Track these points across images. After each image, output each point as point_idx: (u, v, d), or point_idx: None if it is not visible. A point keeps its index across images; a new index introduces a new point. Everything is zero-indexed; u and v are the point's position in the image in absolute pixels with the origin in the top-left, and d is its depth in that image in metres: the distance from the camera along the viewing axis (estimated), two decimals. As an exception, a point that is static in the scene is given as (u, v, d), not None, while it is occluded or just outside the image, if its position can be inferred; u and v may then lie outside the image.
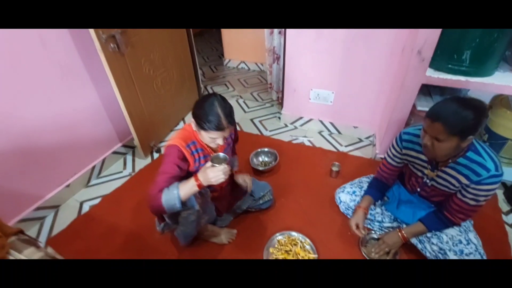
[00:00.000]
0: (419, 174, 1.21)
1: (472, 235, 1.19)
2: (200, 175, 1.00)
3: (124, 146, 2.02)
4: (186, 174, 1.11)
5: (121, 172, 1.90)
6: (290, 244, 1.38)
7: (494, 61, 1.37)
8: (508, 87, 1.37)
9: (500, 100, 1.69)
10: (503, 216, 1.55)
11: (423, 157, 1.15)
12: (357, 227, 1.30)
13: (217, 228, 1.42)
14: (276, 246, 1.39)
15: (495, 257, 1.27)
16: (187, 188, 1.01)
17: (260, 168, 1.82)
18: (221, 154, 1.04)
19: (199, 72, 2.79)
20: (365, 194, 1.38)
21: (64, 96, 1.55)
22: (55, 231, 1.52)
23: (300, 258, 1.33)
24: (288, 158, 1.95)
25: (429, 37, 1.31)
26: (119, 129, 1.95)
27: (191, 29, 2.31)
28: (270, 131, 2.28)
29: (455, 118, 0.88)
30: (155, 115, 2.00)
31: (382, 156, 1.87)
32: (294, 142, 2.14)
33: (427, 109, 1.63)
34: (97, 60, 1.53)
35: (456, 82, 1.44)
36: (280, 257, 1.33)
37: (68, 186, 1.68)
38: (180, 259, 1.34)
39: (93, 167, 1.82)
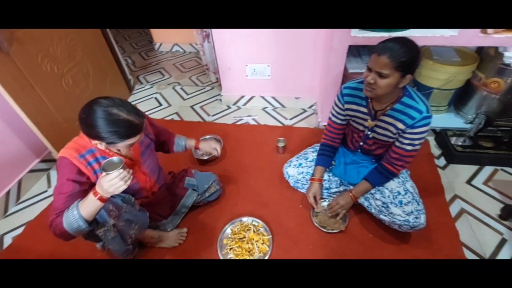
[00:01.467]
0: (361, 128, 1.25)
1: (409, 185, 1.26)
2: (97, 186, 0.85)
3: (44, 161, 1.74)
4: (89, 187, 0.95)
5: (45, 191, 1.65)
6: (243, 231, 1.34)
7: (410, 13, 1.39)
8: (427, 37, 1.41)
9: (422, 52, 1.77)
10: (435, 161, 1.68)
11: (363, 109, 1.19)
12: (315, 199, 1.34)
13: (163, 233, 1.31)
14: (229, 236, 1.33)
15: (430, 202, 1.38)
16: (89, 205, 0.86)
17: (205, 157, 1.71)
18: (115, 158, 0.85)
19: (126, 61, 2.49)
20: (316, 165, 1.39)
21: None
22: (-29, 277, 1.27)
23: (255, 242, 1.29)
24: (233, 141, 1.86)
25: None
26: (32, 143, 1.65)
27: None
28: (212, 115, 2.15)
29: (399, 51, 0.96)
30: (74, 120, 1.72)
31: (324, 123, 1.87)
32: (238, 123, 2.05)
33: (358, 70, 1.68)
34: (-31, 65, 1.22)
35: (381, 39, 1.44)
36: (235, 246, 1.29)
37: (-23, 221, 1.41)
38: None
39: (8, 193, 1.54)
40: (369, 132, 1.23)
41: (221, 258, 1.25)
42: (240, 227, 1.35)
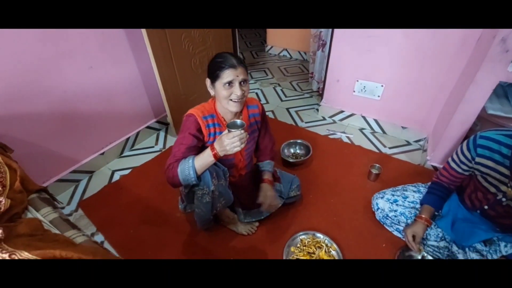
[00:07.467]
0: (492, 190, 1.00)
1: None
2: (216, 143, 0.96)
3: (158, 122, 2.04)
4: (202, 146, 1.08)
5: (152, 147, 1.93)
6: (314, 246, 1.26)
7: None
8: None
9: None
10: None
11: (504, 170, 0.93)
12: (414, 239, 1.13)
13: (237, 217, 1.35)
14: (298, 245, 1.28)
15: None
16: (203, 159, 0.98)
17: (291, 160, 1.70)
18: (238, 121, 0.96)
19: (240, 56, 2.72)
20: (423, 203, 1.19)
21: (104, 65, 1.58)
22: (87, 195, 1.58)
23: (323, 262, 1.20)
24: (322, 153, 1.80)
25: (521, 21, 1.04)
26: (155, 105, 1.97)
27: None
28: (306, 122, 2.13)
29: None
30: (190, 94, 1.98)
31: (434, 164, 1.62)
32: (330, 137, 1.97)
33: (501, 113, 1.39)
34: (138, 31, 1.53)
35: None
36: (302, 257, 1.22)
37: (102, 154, 1.74)
38: (185, 258, 1.30)
39: (127, 139, 1.86)
40: (503, 199, 0.97)
41: (285, 264, 1.21)
42: (312, 241, 1.28)
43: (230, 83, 0.98)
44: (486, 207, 1.05)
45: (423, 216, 1.15)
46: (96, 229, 1.39)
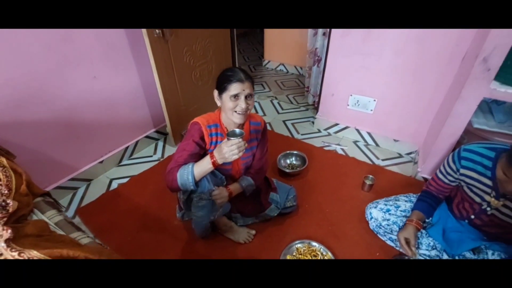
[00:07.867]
0: (477, 199, 1.05)
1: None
2: (215, 151, 1.01)
3: (157, 132, 2.08)
4: (203, 154, 1.12)
5: (151, 156, 1.96)
6: (310, 255, 1.28)
7: None
8: None
9: None
10: None
11: (486, 180, 0.99)
12: (407, 243, 1.14)
13: (235, 226, 1.37)
14: (294, 254, 1.30)
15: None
16: (202, 166, 1.02)
17: (287, 171, 1.74)
18: (238, 130, 1.01)
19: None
20: (414, 209, 1.23)
21: (108, 75, 1.63)
22: (85, 202, 1.59)
23: (319, 271, 1.22)
24: (317, 164, 1.84)
25: (500, 43, 1.13)
26: (155, 115, 2.01)
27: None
28: (301, 134, 2.19)
29: None
30: (190, 106, 2.04)
31: (425, 176, 1.68)
32: (325, 148, 2.03)
33: (486, 127, 1.47)
34: (142, 44, 1.59)
35: (529, 100, 1.24)
36: (297, 266, 1.24)
37: (101, 162, 1.76)
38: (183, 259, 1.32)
39: (126, 148, 1.89)
40: (488, 208, 1.02)
41: (281, 272, 1.22)
42: (307, 250, 1.30)
43: (236, 96, 1.03)
44: (472, 216, 1.10)
45: (413, 219, 1.18)
46: (94, 236, 1.39)
